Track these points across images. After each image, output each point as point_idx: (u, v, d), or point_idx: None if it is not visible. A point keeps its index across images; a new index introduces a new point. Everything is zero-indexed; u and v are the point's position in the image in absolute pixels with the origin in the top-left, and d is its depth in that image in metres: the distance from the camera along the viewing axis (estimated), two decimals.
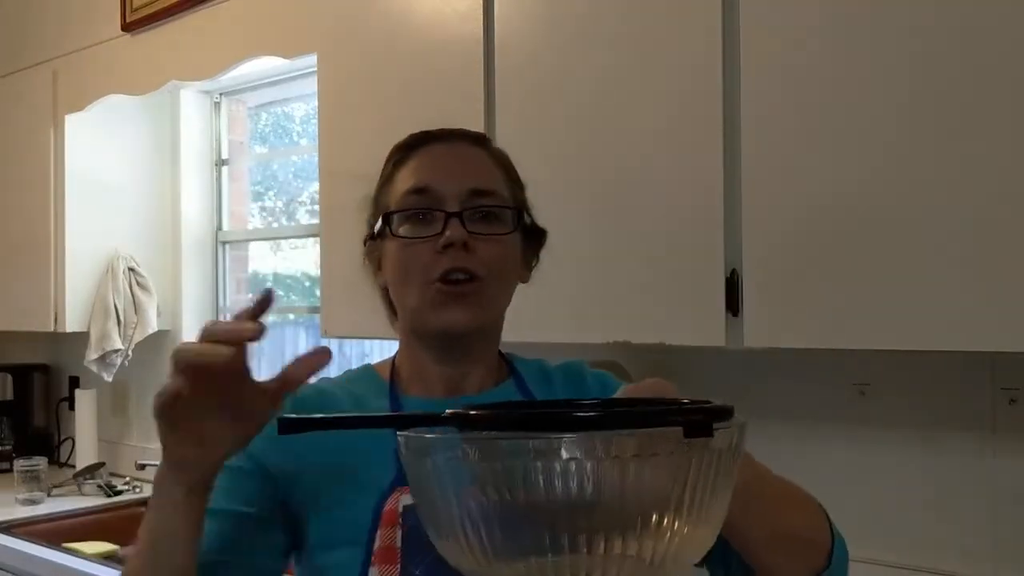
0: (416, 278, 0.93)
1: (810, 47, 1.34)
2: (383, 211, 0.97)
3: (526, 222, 1.00)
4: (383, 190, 0.99)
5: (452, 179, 0.94)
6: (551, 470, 0.55)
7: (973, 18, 1.21)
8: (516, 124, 1.68)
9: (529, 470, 0.55)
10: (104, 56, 2.81)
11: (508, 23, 1.69)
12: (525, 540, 0.57)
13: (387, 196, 0.98)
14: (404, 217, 0.94)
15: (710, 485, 0.57)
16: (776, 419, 1.73)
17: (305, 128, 2.99)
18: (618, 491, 0.55)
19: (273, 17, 2.34)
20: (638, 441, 0.55)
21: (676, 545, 0.57)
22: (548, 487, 0.55)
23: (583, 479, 0.55)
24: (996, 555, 1.51)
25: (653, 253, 1.50)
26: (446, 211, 0.92)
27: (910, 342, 1.27)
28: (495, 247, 0.94)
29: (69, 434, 3.30)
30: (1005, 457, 1.51)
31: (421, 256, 0.92)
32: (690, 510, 0.57)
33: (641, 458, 0.55)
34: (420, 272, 0.92)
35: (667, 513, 0.56)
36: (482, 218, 0.94)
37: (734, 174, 1.42)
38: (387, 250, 0.96)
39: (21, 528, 2.50)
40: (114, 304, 2.88)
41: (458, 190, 0.93)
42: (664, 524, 0.56)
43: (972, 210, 1.21)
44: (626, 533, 0.56)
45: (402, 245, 0.93)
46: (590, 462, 0.55)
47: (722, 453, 0.58)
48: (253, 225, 3.13)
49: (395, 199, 0.96)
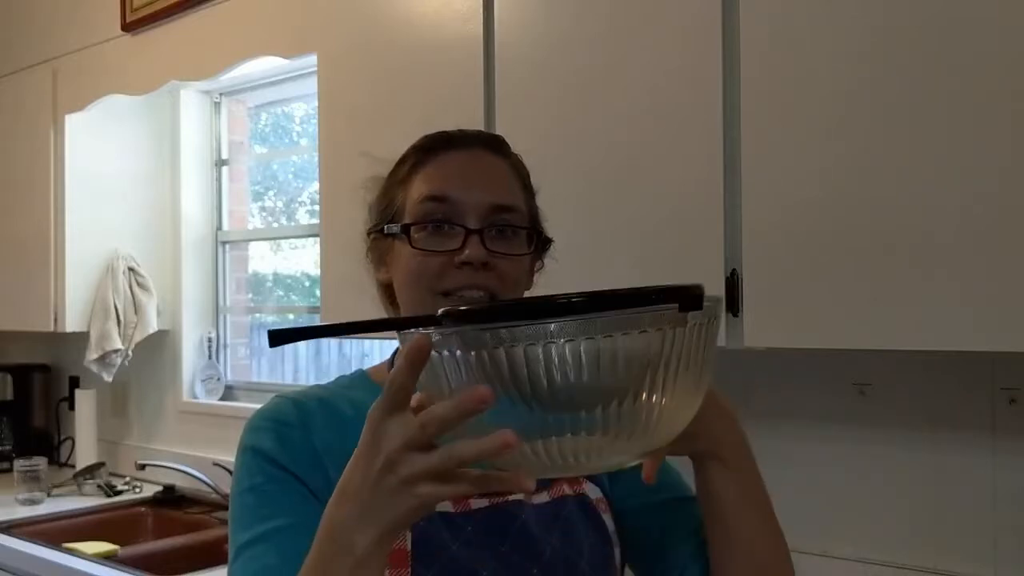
0: (429, 287, 0.92)
1: (810, 46, 1.34)
2: (394, 212, 0.96)
3: (540, 236, 1.00)
4: (397, 190, 0.98)
5: (473, 191, 0.92)
6: (548, 354, 0.58)
7: (974, 17, 1.21)
8: (515, 124, 1.68)
9: (526, 355, 0.58)
10: (104, 56, 2.81)
11: (508, 23, 1.69)
12: (524, 425, 0.60)
13: (402, 198, 0.96)
14: (421, 225, 0.93)
15: (700, 353, 0.64)
16: (776, 419, 1.73)
17: (305, 128, 2.99)
18: (610, 369, 0.59)
19: (273, 17, 2.34)
20: (628, 320, 0.59)
21: (668, 412, 0.63)
22: (546, 372, 0.58)
23: (579, 361, 0.58)
24: (996, 555, 1.51)
25: (653, 253, 1.50)
26: (467, 227, 0.91)
27: (910, 342, 1.27)
28: (511, 265, 0.93)
29: (69, 434, 3.30)
30: (1005, 457, 1.51)
31: (436, 267, 0.91)
32: (683, 376, 0.62)
33: (630, 335, 0.59)
34: (434, 281, 0.92)
35: (659, 379, 0.61)
36: (500, 233, 0.93)
37: (734, 174, 1.42)
38: (398, 252, 0.95)
39: (21, 528, 2.50)
40: (114, 304, 2.88)
41: (479, 204, 0.92)
42: (655, 397, 0.61)
43: (972, 210, 1.21)
44: (621, 409, 0.60)
45: (417, 253, 0.92)
46: (584, 341, 0.58)
47: (710, 321, 0.64)
48: (253, 225, 3.13)
49: (412, 204, 0.94)
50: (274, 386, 2.91)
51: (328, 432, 0.93)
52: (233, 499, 0.93)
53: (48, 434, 3.41)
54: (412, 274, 0.92)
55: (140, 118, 3.03)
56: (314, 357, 2.94)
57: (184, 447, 2.95)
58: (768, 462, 1.84)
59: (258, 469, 0.91)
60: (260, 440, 0.93)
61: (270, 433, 0.93)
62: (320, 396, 0.98)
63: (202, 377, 3.03)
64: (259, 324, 3.11)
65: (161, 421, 3.10)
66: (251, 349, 3.11)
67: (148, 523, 2.77)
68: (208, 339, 3.04)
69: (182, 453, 2.92)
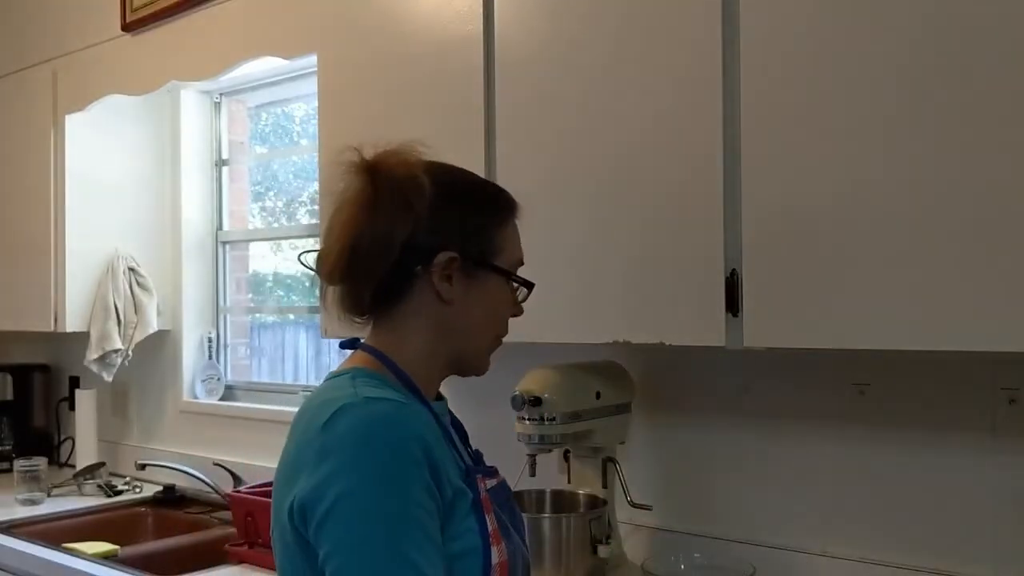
0: (498, 330, 1.12)
1: (811, 46, 1.34)
2: (493, 251, 1.08)
3: None
4: (498, 229, 1.10)
5: None
6: None
7: (974, 16, 1.21)
8: (516, 124, 1.68)
9: None
10: (104, 56, 2.81)
11: (508, 23, 1.70)
12: None
13: (499, 241, 1.09)
14: (518, 280, 1.11)
15: None
16: (776, 419, 1.73)
17: (305, 128, 2.99)
18: None
19: (273, 17, 2.34)
20: None
21: None
22: None
23: None
24: (996, 555, 1.51)
25: (653, 253, 1.50)
26: (528, 284, 1.13)
27: (910, 342, 1.27)
28: None
29: (69, 434, 3.30)
30: (1005, 457, 1.51)
31: (506, 315, 1.12)
32: None
33: None
34: (501, 327, 1.12)
35: None
36: None
37: (734, 174, 1.42)
38: (490, 289, 1.09)
39: (21, 528, 2.50)
40: (114, 304, 2.88)
41: None
42: None
43: (972, 210, 1.21)
44: None
45: (510, 301, 1.11)
46: None
47: None
48: (253, 225, 3.13)
49: (512, 259, 1.11)
50: (274, 386, 2.91)
51: (432, 441, 0.98)
52: (384, 518, 0.90)
53: (48, 434, 3.41)
54: (497, 318, 1.11)
55: (140, 118, 3.03)
56: (314, 357, 2.94)
57: (184, 447, 2.95)
58: (768, 462, 1.85)
59: (417, 499, 0.92)
60: (412, 448, 0.94)
61: (419, 445, 0.94)
62: (395, 398, 1.00)
63: (202, 377, 3.03)
64: (259, 324, 3.12)
65: (161, 421, 3.10)
66: (251, 349, 3.11)
67: (148, 523, 2.77)
68: (208, 339, 3.04)
69: (182, 453, 2.92)
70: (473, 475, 1.04)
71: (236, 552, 2.18)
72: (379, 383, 1.03)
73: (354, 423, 0.94)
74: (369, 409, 0.96)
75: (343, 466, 0.92)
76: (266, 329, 3.12)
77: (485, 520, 1.01)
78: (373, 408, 0.96)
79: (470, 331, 1.08)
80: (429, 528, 0.92)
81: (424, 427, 0.97)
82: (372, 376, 1.04)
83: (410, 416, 0.97)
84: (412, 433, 0.94)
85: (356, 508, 0.90)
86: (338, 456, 0.92)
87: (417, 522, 0.91)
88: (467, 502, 1.00)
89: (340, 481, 0.91)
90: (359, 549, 0.89)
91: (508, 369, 1.49)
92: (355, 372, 1.05)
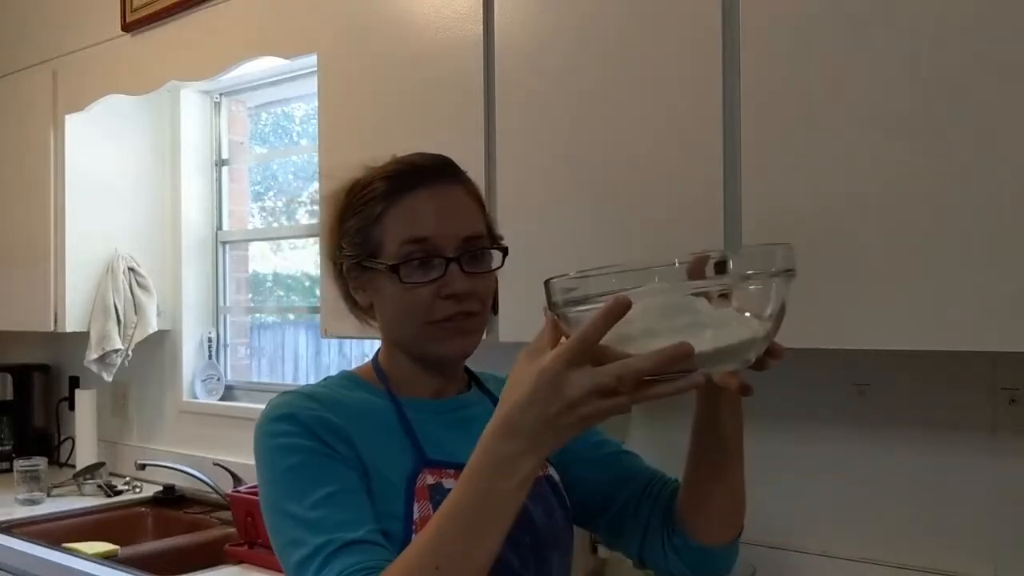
0: (418, 318, 1.05)
1: (811, 46, 1.34)
2: (374, 248, 1.06)
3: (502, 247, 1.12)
4: (373, 226, 1.07)
5: (448, 229, 1.05)
6: None
7: (976, 15, 1.21)
8: (516, 124, 1.68)
9: None
10: (104, 56, 2.81)
11: (508, 23, 1.70)
12: None
13: (378, 235, 1.06)
14: (406, 263, 1.04)
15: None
16: (776, 419, 1.73)
17: (305, 128, 2.99)
18: None
19: (273, 17, 2.34)
20: None
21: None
22: None
23: None
24: (996, 555, 1.51)
25: (654, 253, 1.50)
26: (446, 257, 1.04)
27: (910, 342, 1.27)
28: (486, 282, 1.07)
29: (69, 434, 3.30)
30: (1005, 457, 1.51)
31: (425, 300, 1.04)
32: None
33: None
34: (422, 313, 1.04)
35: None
36: (472, 257, 1.06)
37: (734, 174, 1.42)
38: (382, 286, 1.06)
39: (21, 528, 2.50)
40: (114, 304, 2.88)
41: (452, 237, 1.05)
42: None
43: (972, 210, 1.21)
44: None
45: (408, 288, 1.04)
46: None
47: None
48: (253, 225, 3.13)
49: (393, 244, 1.05)
50: (274, 386, 2.91)
51: (340, 418, 1.02)
52: (273, 484, 0.99)
53: (48, 434, 3.41)
54: (403, 309, 1.05)
55: (140, 118, 3.03)
56: (314, 357, 2.94)
57: (184, 447, 2.95)
58: (768, 462, 1.85)
59: (291, 450, 0.98)
60: (284, 425, 1.00)
61: (293, 419, 1.00)
62: (323, 391, 1.07)
63: (202, 377, 3.03)
64: (259, 324, 3.12)
65: (161, 421, 3.10)
66: (251, 349, 3.11)
67: (148, 523, 2.77)
68: (208, 339, 3.04)
69: (182, 453, 2.92)
70: (419, 465, 1.04)
71: (236, 552, 2.18)
72: (338, 380, 1.11)
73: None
74: (272, 403, 1.04)
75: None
76: (266, 329, 3.12)
77: (413, 507, 1.01)
78: (275, 401, 1.04)
79: (394, 325, 1.09)
80: (310, 464, 0.97)
81: (305, 407, 1.01)
82: (346, 376, 1.13)
83: (296, 399, 1.03)
84: (290, 406, 1.01)
85: (260, 484, 1.02)
86: None
87: (289, 474, 0.97)
88: (392, 488, 1.02)
89: None
90: (268, 524, 0.99)
91: (509, 369, 1.48)
92: (340, 373, 1.14)
